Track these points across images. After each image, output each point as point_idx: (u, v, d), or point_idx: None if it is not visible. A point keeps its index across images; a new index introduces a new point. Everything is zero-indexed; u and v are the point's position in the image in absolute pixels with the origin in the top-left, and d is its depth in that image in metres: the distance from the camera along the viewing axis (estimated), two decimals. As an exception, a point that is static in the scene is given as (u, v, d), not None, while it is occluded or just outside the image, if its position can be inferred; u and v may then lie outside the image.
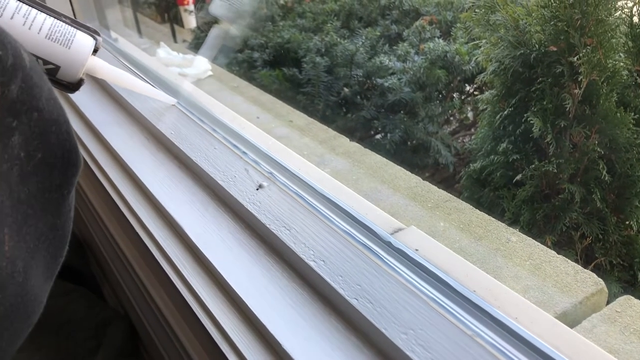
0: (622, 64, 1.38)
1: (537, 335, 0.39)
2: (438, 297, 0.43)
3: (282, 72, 2.27)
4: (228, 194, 0.58)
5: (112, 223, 0.73)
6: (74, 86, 0.51)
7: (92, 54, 0.52)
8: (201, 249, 0.53)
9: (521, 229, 1.41)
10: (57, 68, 0.49)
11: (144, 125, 0.79)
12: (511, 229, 0.96)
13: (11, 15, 0.46)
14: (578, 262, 1.38)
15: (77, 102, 0.88)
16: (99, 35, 0.52)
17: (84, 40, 0.51)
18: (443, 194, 1.09)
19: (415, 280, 0.44)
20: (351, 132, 2.18)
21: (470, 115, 2.54)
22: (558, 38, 1.40)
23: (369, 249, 0.48)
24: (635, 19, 1.41)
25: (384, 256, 0.47)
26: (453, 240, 0.91)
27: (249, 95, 1.62)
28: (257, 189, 0.57)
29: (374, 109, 2.19)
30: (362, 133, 2.28)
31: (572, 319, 0.75)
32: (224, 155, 0.64)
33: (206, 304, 0.49)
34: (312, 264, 0.46)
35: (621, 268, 1.38)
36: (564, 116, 1.40)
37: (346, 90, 2.28)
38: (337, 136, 1.36)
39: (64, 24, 0.49)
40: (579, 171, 1.41)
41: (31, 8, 0.47)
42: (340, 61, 2.26)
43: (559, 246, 1.41)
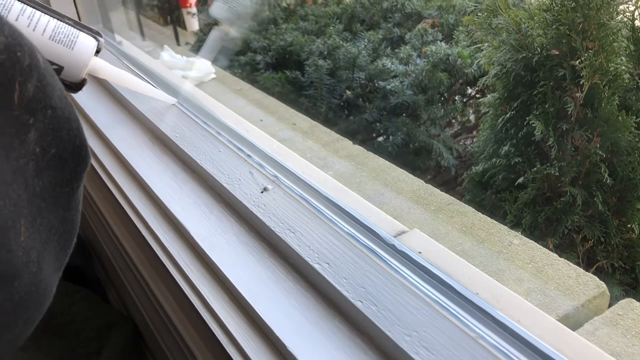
0: (623, 68, 1.39)
1: (539, 338, 0.39)
2: (441, 300, 0.43)
3: (284, 75, 2.28)
4: (233, 197, 0.58)
5: (117, 225, 0.74)
6: (76, 86, 0.52)
7: (95, 54, 0.53)
8: (206, 251, 0.54)
9: (523, 231, 1.41)
10: (60, 68, 0.50)
11: (145, 124, 0.80)
12: (513, 231, 0.96)
13: (16, 17, 0.46)
14: (580, 265, 1.38)
15: (80, 102, 0.89)
16: (100, 36, 0.54)
17: (86, 42, 0.52)
18: (446, 197, 1.09)
19: (418, 283, 0.45)
20: (353, 135, 2.19)
21: (472, 118, 2.55)
22: (560, 42, 1.41)
23: (373, 251, 0.48)
24: (637, 23, 1.42)
25: (387, 259, 0.47)
26: (455, 243, 0.91)
27: (252, 98, 1.63)
28: (261, 192, 0.58)
29: (376, 111, 2.19)
30: (364, 135, 2.28)
31: (574, 321, 0.75)
32: (228, 158, 0.65)
33: (211, 305, 0.49)
34: (316, 266, 0.47)
35: (623, 271, 1.38)
36: (565, 119, 1.41)
37: (348, 92, 2.29)
38: (340, 139, 1.36)
39: (67, 25, 0.50)
40: (580, 174, 1.41)
41: (35, 10, 0.48)
42: (342, 64, 2.26)
43: (560, 249, 1.41)
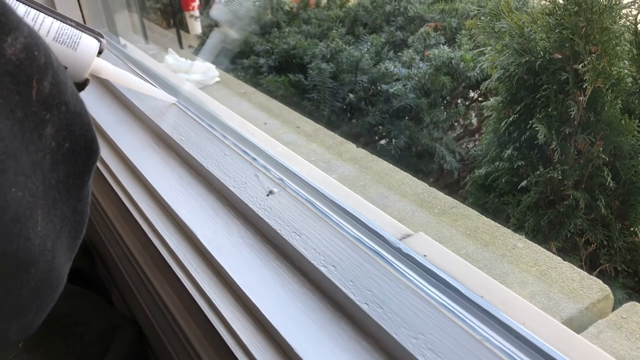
0: (626, 71, 1.39)
1: (544, 340, 0.40)
2: (447, 302, 0.43)
3: (287, 78, 2.29)
4: (239, 200, 0.59)
5: (123, 227, 0.74)
6: (79, 86, 0.53)
7: (97, 55, 0.54)
8: (213, 253, 0.54)
9: (526, 235, 1.41)
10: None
11: (146, 123, 0.82)
12: (517, 235, 0.96)
13: None
14: (582, 268, 1.38)
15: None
16: (102, 37, 0.55)
17: (89, 43, 0.53)
18: (449, 200, 1.09)
19: (424, 286, 0.45)
20: (356, 138, 2.19)
21: (475, 121, 2.55)
22: (563, 45, 1.41)
23: (379, 254, 0.49)
24: (640, 27, 1.42)
25: (393, 262, 0.48)
26: (460, 246, 0.91)
27: (256, 101, 1.63)
28: (267, 195, 0.58)
29: (379, 114, 2.20)
30: (367, 138, 2.29)
31: (578, 324, 0.75)
32: (234, 162, 0.65)
33: (218, 307, 0.50)
34: (322, 269, 0.47)
35: (626, 274, 1.38)
36: (568, 123, 1.41)
37: (351, 96, 2.29)
38: (343, 142, 1.37)
39: (70, 27, 0.52)
40: (583, 178, 1.41)
41: (39, 12, 0.49)
42: (345, 67, 2.27)
43: (563, 252, 1.41)
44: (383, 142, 2.30)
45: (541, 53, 1.47)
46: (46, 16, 0.50)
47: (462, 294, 0.44)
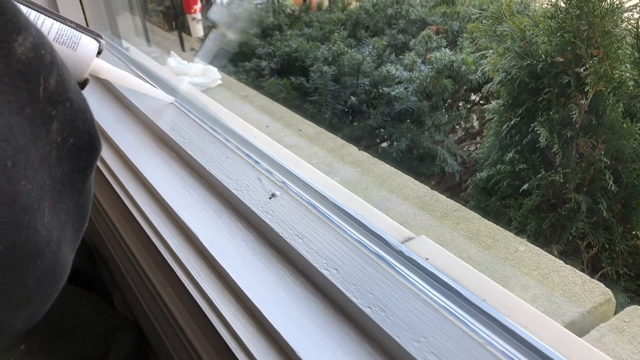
0: (628, 75, 1.39)
1: (546, 344, 0.40)
2: (449, 306, 0.43)
3: (289, 81, 2.29)
4: (241, 203, 0.59)
5: (125, 229, 0.74)
6: (79, 86, 0.54)
7: (96, 55, 0.55)
8: (215, 256, 0.54)
9: (528, 238, 1.41)
10: None
11: (145, 122, 0.83)
12: (519, 238, 0.96)
13: None
14: (584, 271, 1.38)
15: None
16: (102, 38, 0.56)
17: (88, 43, 0.54)
18: (451, 203, 1.09)
19: (426, 289, 0.45)
20: (357, 141, 2.19)
21: (476, 124, 2.55)
22: (565, 49, 1.41)
23: (381, 257, 0.49)
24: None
25: (395, 265, 0.48)
26: (462, 249, 0.91)
27: (258, 104, 1.63)
28: (269, 198, 0.58)
29: (381, 117, 2.20)
30: (369, 141, 2.29)
31: (580, 328, 0.75)
32: (237, 165, 0.65)
33: (220, 310, 0.50)
34: (325, 272, 0.47)
35: (628, 278, 1.38)
36: (570, 126, 1.41)
37: (353, 99, 2.29)
38: (345, 145, 1.37)
39: (70, 28, 0.53)
40: (585, 181, 1.41)
41: (39, 14, 0.50)
42: (347, 70, 2.27)
43: (565, 255, 1.41)
44: (385, 144, 2.30)
45: (543, 56, 1.47)
46: (46, 17, 0.51)
47: (464, 297, 0.44)
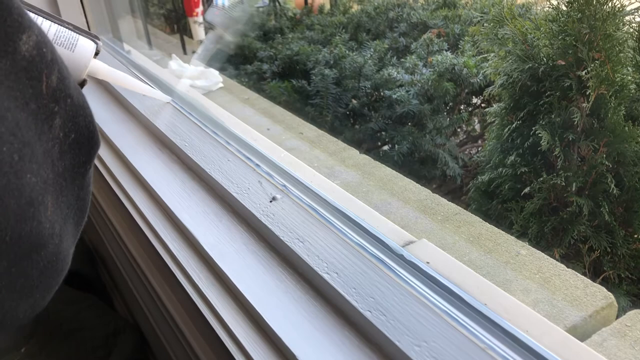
0: (630, 78, 1.39)
1: (548, 349, 0.39)
2: (450, 310, 0.43)
3: (291, 84, 2.29)
4: (242, 206, 0.59)
5: (125, 232, 0.74)
6: None
7: (94, 57, 0.56)
8: (215, 259, 0.54)
9: (529, 241, 1.41)
10: None
11: (142, 122, 0.84)
12: (520, 242, 0.96)
13: None
14: (586, 275, 1.38)
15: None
16: (99, 39, 0.57)
17: (86, 45, 0.55)
18: (453, 206, 1.09)
19: (427, 293, 0.45)
20: (359, 144, 2.19)
21: (478, 127, 2.55)
22: (566, 52, 1.41)
23: (382, 261, 0.48)
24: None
25: (396, 269, 0.48)
26: (463, 253, 0.91)
27: (259, 107, 1.63)
28: (270, 201, 0.58)
29: (382, 120, 2.20)
30: (370, 144, 2.29)
31: (582, 332, 0.75)
32: (237, 168, 0.65)
33: (220, 314, 0.50)
34: (325, 276, 0.47)
35: (630, 281, 1.38)
36: (572, 129, 1.41)
37: (354, 102, 2.29)
38: (346, 148, 1.37)
39: (68, 30, 0.54)
40: (587, 184, 1.41)
41: (37, 16, 0.51)
42: (348, 73, 2.27)
43: (566, 259, 1.41)
44: (386, 148, 2.30)
45: (544, 60, 1.47)
46: (44, 19, 0.52)
47: (465, 301, 0.44)
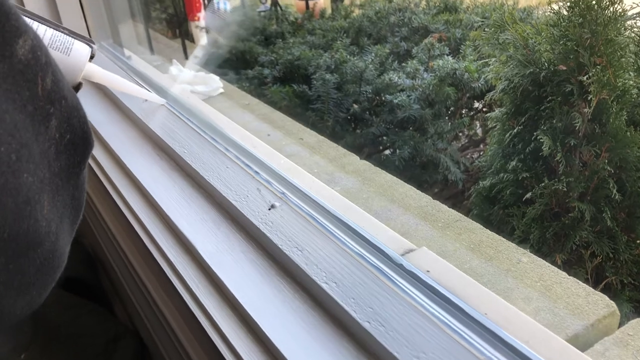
0: (631, 83, 1.38)
1: (549, 360, 0.39)
2: (450, 320, 0.43)
3: (292, 89, 2.29)
4: (240, 214, 0.59)
5: (124, 239, 0.74)
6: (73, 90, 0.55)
7: (89, 60, 0.57)
8: (213, 267, 0.54)
9: (531, 247, 1.40)
10: None
11: (138, 125, 0.85)
12: (522, 249, 0.95)
13: None
14: (588, 281, 1.37)
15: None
16: (94, 43, 0.58)
17: (81, 49, 0.56)
18: (453, 213, 1.09)
19: (426, 303, 0.44)
20: (360, 148, 2.19)
21: (479, 131, 2.55)
22: (567, 57, 1.41)
23: (381, 271, 0.48)
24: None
25: (395, 278, 0.47)
26: (463, 261, 0.90)
27: (259, 113, 1.63)
28: (269, 209, 0.58)
29: (383, 125, 2.20)
30: (371, 149, 2.28)
31: (583, 341, 0.74)
32: (236, 175, 0.65)
33: (218, 323, 0.49)
34: (324, 286, 0.47)
35: (632, 287, 1.37)
36: (573, 135, 1.40)
37: (355, 106, 2.29)
38: (347, 154, 1.36)
39: (63, 34, 0.55)
40: (589, 190, 1.40)
41: (32, 20, 0.52)
42: (349, 78, 2.27)
43: (568, 265, 1.40)
44: (387, 152, 2.29)
45: (546, 64, 1.47)
46: (40, 24, 0.53)
47: (465, 311, 0.43)
